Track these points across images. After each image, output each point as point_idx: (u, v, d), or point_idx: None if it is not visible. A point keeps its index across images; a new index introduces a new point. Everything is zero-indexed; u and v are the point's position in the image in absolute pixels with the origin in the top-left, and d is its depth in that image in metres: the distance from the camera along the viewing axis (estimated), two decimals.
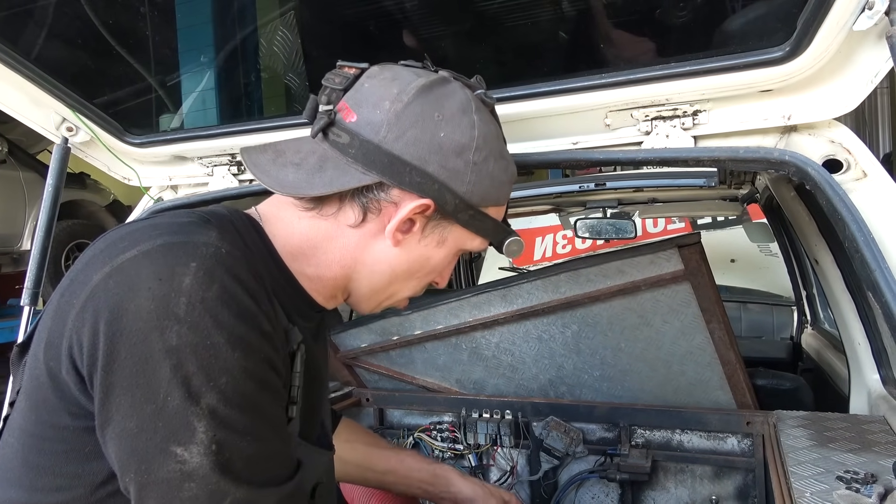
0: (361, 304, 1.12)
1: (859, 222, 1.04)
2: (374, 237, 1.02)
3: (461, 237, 1.06)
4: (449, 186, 0.98)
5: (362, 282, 1.06)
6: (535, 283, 2.13)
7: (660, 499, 2.14)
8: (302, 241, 1.02)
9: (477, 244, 1.09)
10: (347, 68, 1.02)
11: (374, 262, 1.04)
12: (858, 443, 1.64)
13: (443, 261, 1.09)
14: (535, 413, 2.24)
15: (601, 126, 1.29)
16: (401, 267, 1.05)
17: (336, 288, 1.07)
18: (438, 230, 1.03)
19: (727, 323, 2.00)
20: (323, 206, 1.00)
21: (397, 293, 1.11)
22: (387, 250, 1.02)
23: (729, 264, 4.55)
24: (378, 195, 0.98)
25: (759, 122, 1.17)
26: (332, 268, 1.04)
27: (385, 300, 1.12)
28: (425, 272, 1.09)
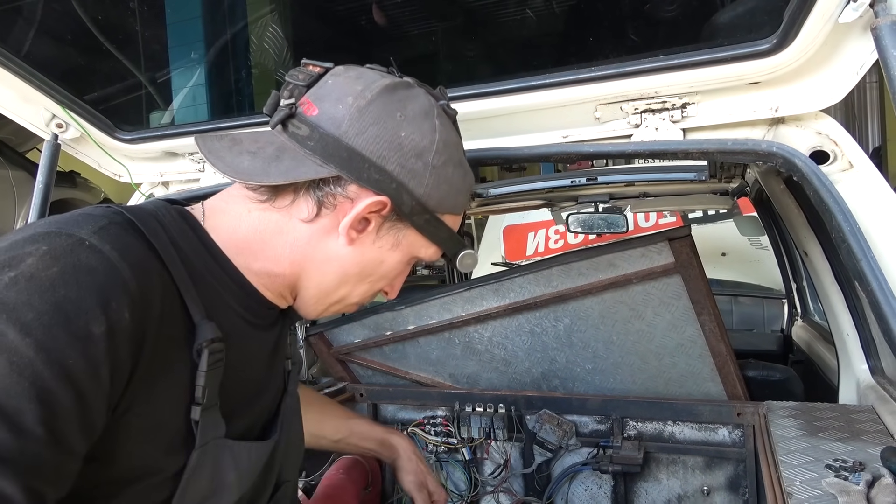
0: (308, 307, 1.08)
1: (846, 213, 1.05)
2: (327, 234, 0.99)
3: (415, 242, 1.05)
4: (407, 186, 0.97)
5: (311, 281, 1.03)
6: (528, 277, 2.14)
7: (652, 490, 2.16)
8: (249, 234, 0.99)
9: (431, 253, 1.07)
10: (312, 66, 1.01)
11: (325, 261, 1.01)
12: (847, 432, 1.66)
13: (395, 266, 1.06)
14: (528, 406, 2.25)
15: (591, 119, 1.30)
16: (352, 268, 1.02)
17: (285, 286, 1.04)
18: (393, 232, 1.02)
19: (718, 315, 2.01)
20: (276, 197, 0.98)
21: (346, 297, 1.08)
22: (339, 249, 1.00)
23: (720, 258, 4.58)
24: (334, 189, 0.97)
25: (747, 115, 1.19)
26: (280, 263, 1.00)
27: (333, 304, 1.08)
28: (377, 276, 1.06)
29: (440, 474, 2.38)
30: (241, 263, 0.98)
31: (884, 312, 0.98)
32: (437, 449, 2.34)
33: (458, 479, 2.37)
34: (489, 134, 1.38)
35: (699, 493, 2.10)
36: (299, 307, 1.08)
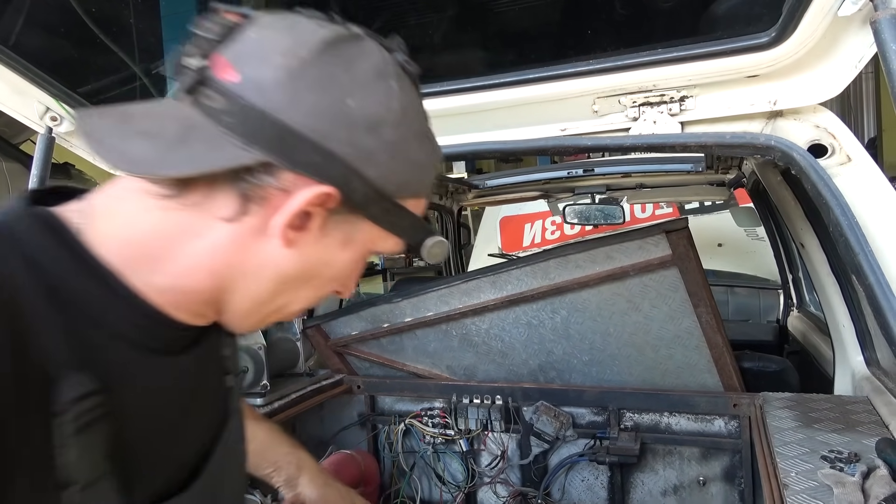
0: (239, 322, 0.86)
1: (843, 206, 1.05)
2: (257, 235, 0.77)
3: (371, 236, 0.83)
4: (357, 170, 0.76)
5: (241, 294, 0.81)
6: (525, 270, 2.14)
7: (648, 481, 2.17)
8: (145, 241, 0.76)
9: (391, 245, 0.85)
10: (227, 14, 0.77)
11: (258, 268, 0.79)
12: (843, 423, 1.67)
13: (347, 266, 0.85)
14: (525, 398, 2.25)
15: (589, 112, 1.30)
16: (292, 274, 0.81)
17: (203, 303, 0.80)
18: (343, 227, 0.80)
19: (714, 307, 2.02)
20: (185, 192, 0.74)
21: (287, 306, 0.86)
22: (274, 252, 0.78)
23: (716, 249, 4.59)
24: (262, 180, 0.74)
25: (746, 108, 1.18)
26: (194, 276, 0.77)
27: (270, 315, 0.87)
28: (324, 280, 0.85)
29: (438, 465, 2.39)
30: (141, 280, 0.76)
31: (881, 306, 0.98)
32: (435, 440, 2.35)
33: (455, 471, 2.38)
34: (487, 127, 1.38)
35: (695, 484, 2.11)
36: (228, 322, 0.86)
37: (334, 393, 2.47)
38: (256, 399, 2.18)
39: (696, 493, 2.11)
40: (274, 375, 2.31)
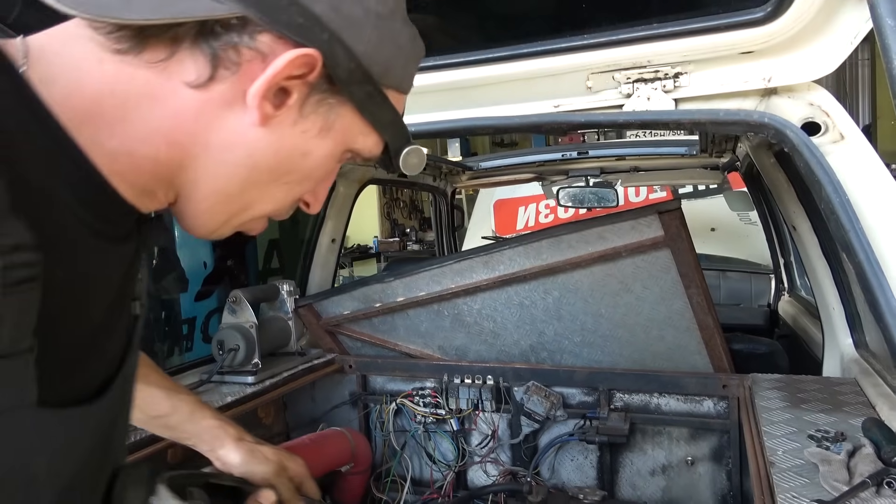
0: (198, 218, 0.75)
1: (835, 184, 1.05)
2: (227, 106, 0.67)
3: (352, 127, 0.74)
4: (342, 39, 0.67)
5: (203, 175, 0.70)
6: (517, 250, 2.14)
7: (637, 460, 2.18)
8: (98, 97, 0.65)
9: (369, 143, 0.76)
10: None
11: (225, 147, 0.69)
12: (830, 403, 1.68)
13: (324, 162, 0.75)
14: (516, 378, 2.26)
15: (583, 89, 1.29)
16: (266, 159, 0.70)
17: (156, 178, 0.70)
18: (322, 111, 0.71)
19: (705, 288, 2.02)
20: (146, 46, 0.64)
21: (252, 205, 0.76)
22: (246, 130, 0.68)
23: (709, 233, 4.61)
24: (237, 39, 0.65)
25: (740, 85, 1.18)
26: (151, 143, 0.67)
27: (234, 216, 0.76)
28: (299, 176, 0.75)
29: (428, 444, 2.41)
30: (87, 138, 0.65)
31: (870, 283, 0.98)
32: (426, 420, 2.36)
33: (445, 450, 2.39)
34: (480, 103, 1.37)
35: (683, 464, 2.13)
36: (186, 216, 0.75)
37: (326, 372, 2.47)
38: (247, 377, 2.18)
39: (684, 472, 2.13)
40: (265, 354, 2.31)
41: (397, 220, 11.88)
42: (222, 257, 3.01)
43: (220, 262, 3.00)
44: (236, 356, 2.19)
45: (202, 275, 3.02)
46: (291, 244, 3.44)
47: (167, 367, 2.18)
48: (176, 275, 2.86)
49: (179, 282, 2.88)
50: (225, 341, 2.19)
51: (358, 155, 0.77)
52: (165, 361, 2.69)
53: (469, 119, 1.35)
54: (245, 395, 2.09)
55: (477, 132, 1.35)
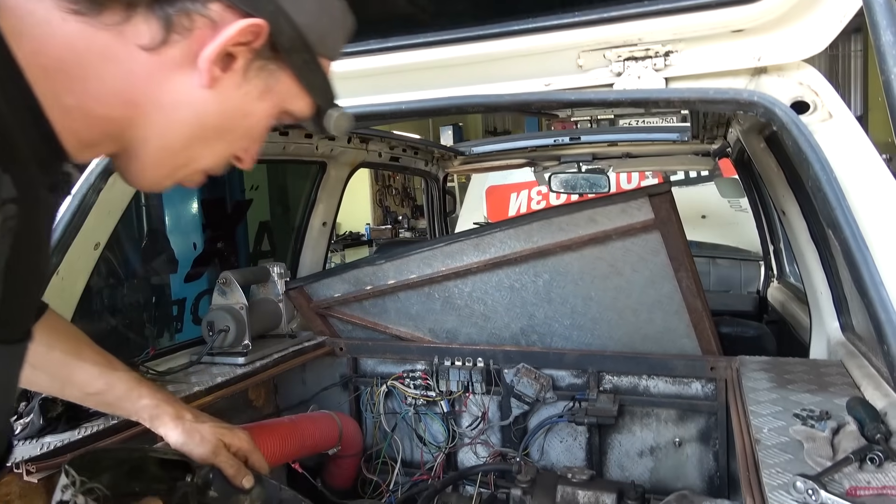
0: (145, 170, 0.81)
1: (823, 162, 1.06)
2: (178, 69, 0.74)
3: (289, 91, 0.82)
4: (286, 11, 0.75)
5: (151, 133, 0.77)
6: (508, 232, 2.14)
7: (626, 441, 2.20)
8: (64, 52, 0.70)
9: (303, 106, 0.84)
10: None
11: (174, 106, 0.76)
12: (816, 384, 1.70)
13: (260, 121, 0.83)
14: (506, 361, 2.27)
15: (574, 67, 1.29)
16: (211, 119, 0.78)
17: (105, 133, 0.76)
18: (264, 75, 0.78)
19: (695, 272, 2.04)
20: (103, 10, 0.69)
21: (194, 161, 0.83)
22: (194, 92, 0.75)
23: (700, 220, 4.62)
24: (191, 6, 0.71)
25: (730, 64, 1.18)
26: (106, 101, 0.73)
27: (177, 169, 0.83)
28: (238, 134, 0.83)
29: (419, 426, 2.42)
30: (48, 93, 0.69)
31: (855, 260, 0.99)
32: (416, 402, 2.37)
33: (436, 432, 2.40)
34: (470, 81, 1.36)
35: (671, 445, 2.15)
36: (130, 170, 0.81)
37: (316, 354, 2.47)
38: (238, 358, 2.18)
39: (671, 453, 2.15)
40: (256, 336, 2.31)
41: (389, 207, 11.86)
42: (212, 239, 3.01)
43: (210, 244, 3.00)
44: (226, 337, 2.19)
45: (192, 256, 3.02)
46: (282, 227, 3.45)
47: (157, 348, 2.17)
48: (165, 256, 2.85)
49: (169, 263, 2.87)
50: (215, 322, 2.19)
51: (292, 116, 0.85)
52: (155, 342, 2.69)
53: (459, 97, 1.34)
54: (235, 375, 2.09)
55: (467, 110, 1.35)
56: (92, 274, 1.88)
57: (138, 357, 1.98)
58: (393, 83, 1.43)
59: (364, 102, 1.42)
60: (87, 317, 2.62)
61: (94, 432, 1.62)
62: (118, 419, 1.69)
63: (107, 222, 1.85)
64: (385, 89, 1.43)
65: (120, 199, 1.88)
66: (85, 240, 1.76)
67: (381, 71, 1.41)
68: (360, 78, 1.44)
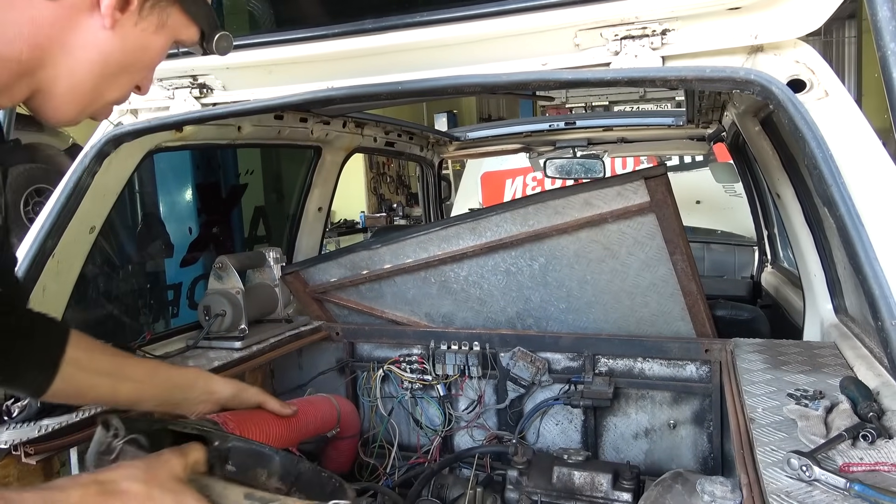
0: (59, 109, 0.90)
1: (819, 140, 1.06)
2: (79, 14, 0.83)
3: (179, 23, 0.94)
4: None
5: (61, 73, 0.86)
6: (504, 216, 2.14)
7: (621, 424, 2.22)
8: None
9: (191, 34, 0.96)
10: None
11: (80, 48, 0.85)
12: (809, 365, 1.72)
13: (158, 53, 0.94)
14: (502, 344, 2.28)
15: (570, 46, 1.28)
16: (114, 57, 0.88)
17: (16, 75, 0.84)
18: (157, 11, 0.89)
19: (690, 255, 2.04)
20: None
21: (104, 94, 0.93)
22: (97, 34, 0.85)
23: (694, 205, 4.63)
24: None
25: (727, 42, 1.18)
26: (13, 45, 0.81)
27: (89, 104, 0.93)
28: (139, 67, 0.93)
29: (415, 410, 2.43)
30: None
31: (850, 237, 1.00)
32: (413, 386, 2.38)
33: (432, 415, 2.41)
34: (466, 61, 1.36)
35: (666, 427, 2.17)
36: (46, 109, 0.90)
37: (313, 339, 2.48)
38: (234, 342, 2.18)
39: (666, 435, 2.17)
40: (252, 321, 2.31)
41: (384, 195, 11.84)
42: (208, 223, 3.00)
43: (205, 229, 2.99)
44: (223, 322, 2.19)
45: (187, 241, 3.01)
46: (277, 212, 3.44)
47: (153, 333, 2.17)
48: (161, 241, 2.84)
49: (164, 248, 2.87)
50: (211, 307, 2.19)
51: (182, 44, 0.97)
52: (151, 327, 2.69)
53: (456, 77, 1.34)
54: (232, 360, 2.09)
55: (464, 90, 1.34)
56: (88, 258, 1.88)
57: (135, 341, 1.98)
58: (389, 64, 1.42)
59: (361, 83, 1.41)
60: (83, 301, 2.62)
61: (92, 414, 1.63)
62: None
63: (102, 206, 1.85)
64: (382, 70, 1.42)
65: (115, 183, 1.87)
66: (80, 223, 1.76)
67: (376, 51, 1.40)
68: (357, 58, 1.43)
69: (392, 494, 2.14)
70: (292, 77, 1.49)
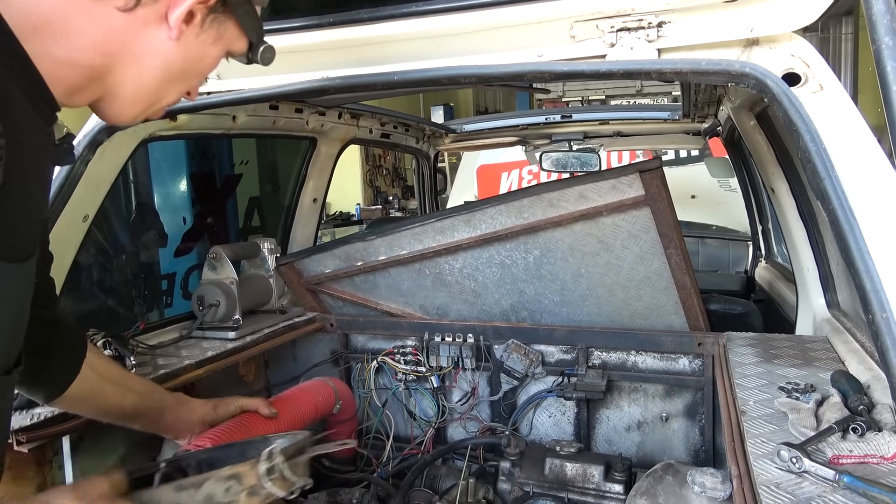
0: (123, 109, 0.98)
1: (813, 133, 1.06)
2: (148, 25, 0.91)
3: (233, 35, 1.02)
4: None
5: (128, 77, 0.94)
6: (499, 208, 2.14)
7: (613, 416, 2.23)
8: (47, 15, 0.85)
9: (242, 46, 1.05)
10: None
11: (148, 56, 0.93)
12: (801, 359, 1.73)
13: (212, 62, 1.03)
14: (496, 336, 2.28)
15: (566, 38, 1.28)
16: (176, 65, 0.96)
17: (88, 79, 0.91)
18: (215, 26, 0.98)
19: (684, 248, 2.05)
20: None
21: (163, 98, 1.02)
22: (164, 43, 0.93)
23: (689, 200, 4.64)
24: None
25: (723, 35, 1.17)
26: (88, 52, 0.89)
27: (150, 107, 1.02)
28: (195, 74, 1.03)
29: (409, 402, 2.43)
30: (37, 47, 0.84)
31: (843, 230, 1.00)
32: (407, 377, 2.38)
33: (426, 407, 2.42)
34: (462, 52, 1.35)
35: (658, 420, 2.18)
36: (111, 109, 0.98)
37: (307, 330, 2.48)
38: (228, 332, 2.18)
39: (658, 428, 2.18)
40: (246, 311, 2.31)
41: (380, 187, 11.82)
42: (202, 214, 2.98)
43: (199, 219, 2.97)
44: (217, 312, 2.18)
45: (181, 230, 3.00)
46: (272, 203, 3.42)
47: (147, 323, 2.16)
48: (155, 231, 2.83)
49: (158, 237, 2.85)
50: (205, 297, 2.19)
51: (232, 54, 1.06)
52: (145, 317, 2.68)
53: (451, 67, 1.33)
54: (226, 350, 2.09)
55: (460, 81, 1.34)
56: (81, 248, 1.87)
57: (128, 331, 1.98)
58: (384, 54, 1.41)
59: (356, 72, 1.40)
60: (76, 291, 2.60)
61: None
62: None
63: (95, 195, 1.84)
64: (377, 60, 1.41)
65: (108, 172, 1.86)
66: (73, 212, 1.75)
67: (372, 41, 1.40)
68: (352, 48, 1.43)
69: (385, 485, 2.15)
70: (287, 66, 1.48)
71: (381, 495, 2.12)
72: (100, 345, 1.75)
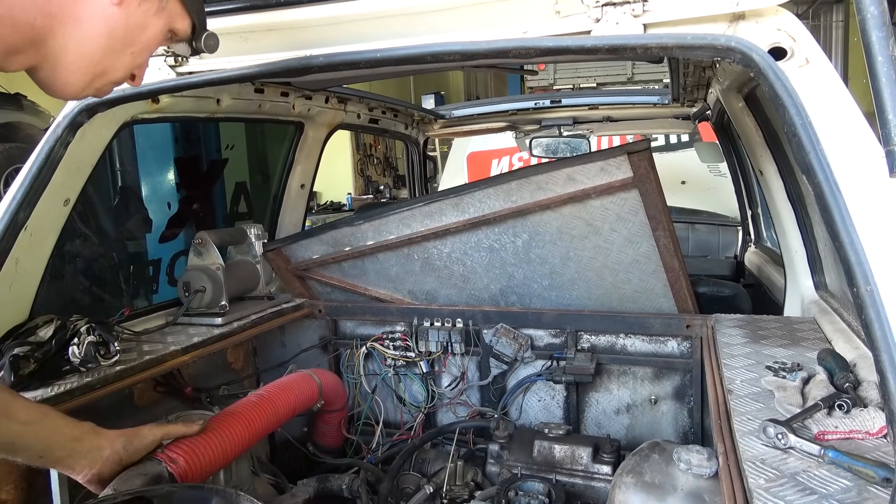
0: (67, 77, 0.97)
1: (798, 107, 1.05)
2: None
3: (176, 10, 1.04)
4: None
5: (70, 42, 0.93)
6: (487, 191, 2.13)
7: (602, 399, 2.23)
8: None
9: (185, 25, 1.07)
10: None
11: (89, 20, 0.93)
12: (789, 339, 1.73)
13: (155, 36, 1.03)
14: (485, 321, 2.28)
15: (551, 13, 1.26)
16: (118, 32, 0.96)
17: (28, 40, 0.90)
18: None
19: (672, 231, 2.04)
20: None
21: (107, 71, 1.00)
22: (107, 8, 0.93)
23: (679, 186, 4.64)
24: None
25: (708, 9, 1.16)
26: (28, 10, 0.88)
27: (95, 78, 0.99)
28: (139, 47, 1.01)
29: (399, 387, 2.42)
30: None
31: (828, 204, 0.99)
32: (396, 363, 2.37)
33: (415, 392, 2.41)
34: (446, 28, 1.33)
35: (647, 402, 2.18)
36: (55, 80, 0.97)
37: (295, 316, 2.46)
38: (215, 318, 2.16)
39: (647, 410, 2.18)
40: (233, 297, 2.29)
41: (371, 176, 11.77)
42: (188, 199, 2.95)
43: (185, 204, 2.94)
44: (203, 298, 2.17)
45: (166, 216, 2.96)
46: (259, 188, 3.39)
47: (133, 309, 2.14)
48: (139, 216, 2.80)
49: (143, 223, 2.82)
50: (191, 283, 2.17)
51: (175, 35, 1.07)
52: (131, 303, 2.65)
53: (435, 44, 1.31)
54: (212, 336, 2.07)
55: (444, 59, 1.32)
56: (63, 232, 1.84)
57: (113, 318, 1.96)
58: (368, 31, 1.39)
59: (339, 50, 1.38)
60: (59, 277, 2.57)
61: (66, 389, 1.61)
62: (91, 377, 1.68)
63: (76, 178, 1.81)
64: (360, 38, 1.39)
65: (89, 155, 1.84)
66: (53, 195, 1.72)
67: (354, 18, 1.37)
68: (334, 25, 1.40)
69: (374, 470, 2.14)
70: (269, 45, 1.46)
71: (371, 480, 2.12)
72: (83, 331, 1.72)
